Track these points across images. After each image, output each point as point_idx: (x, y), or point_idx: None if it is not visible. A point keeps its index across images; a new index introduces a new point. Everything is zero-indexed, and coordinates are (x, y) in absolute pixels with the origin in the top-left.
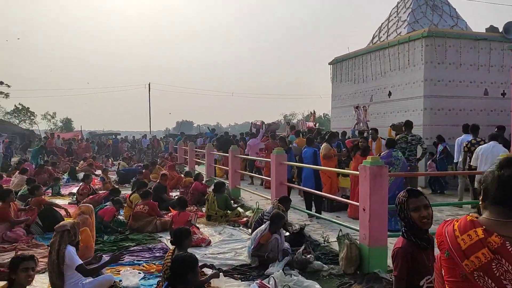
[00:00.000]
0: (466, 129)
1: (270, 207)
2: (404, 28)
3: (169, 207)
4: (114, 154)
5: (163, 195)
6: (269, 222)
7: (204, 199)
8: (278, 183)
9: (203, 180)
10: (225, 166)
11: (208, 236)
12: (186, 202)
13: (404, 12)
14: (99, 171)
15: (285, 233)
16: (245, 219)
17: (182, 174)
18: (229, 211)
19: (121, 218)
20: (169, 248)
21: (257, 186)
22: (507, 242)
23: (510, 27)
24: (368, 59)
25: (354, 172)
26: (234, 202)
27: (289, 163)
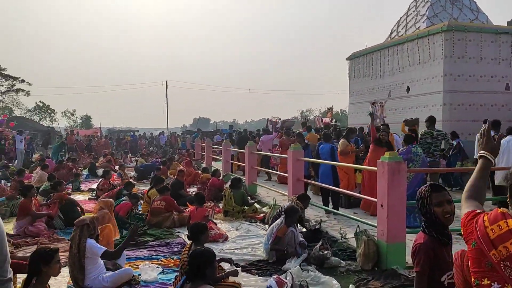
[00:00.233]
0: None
1: (289, 204)
2: (423, 22)
3: (186, 203)
4: (133, 150)
5: (180, 191)
6: (284, 216)
7: (221, 195)
8: (295, 179)
9: (220, 176)
10: (241, 162)
11: (225, 232)
12: (204, 198)
13: (423, 6)
14: (118, 167)
15: (301, 229)
16: (262, 215)
17: (199, 170)
18: (246, 207)
19: (140, 212)
20: (186, 243)
21: (274, 183)
22: None
23: None
24: (386, 54)
25: (372, 168)
26: (251, 198)
27: (306, 159)
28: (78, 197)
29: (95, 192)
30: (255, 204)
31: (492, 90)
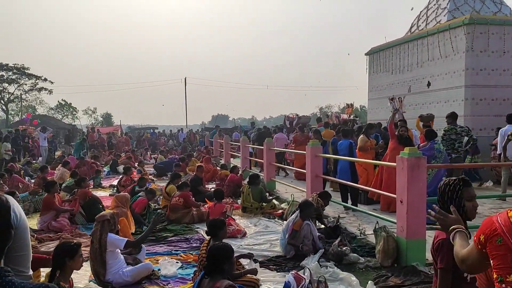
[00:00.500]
0: (510, 119)
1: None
2: (444, 15)
3: (205, 199)
4: (152, 147)
5: (199, 187)
6: (299, 210)
7: (240, 191)
8: (313, 175)
9: (239, 173)
10: (259, 159)
11: (244, 228)
12: (223, 194)
13: None
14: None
15: (320, 225)
16: (280, 211)
17: (218, 167)
18: (264, 203)
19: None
20: (205, 239)
21: (292, 179)
22: None
23: None
24: (406, 49)
25: (391, 164)
26: (269, 194)
27: (324, 155)
28: (99, 193)
29: (116, 188)
30: (274, 201)
31: None
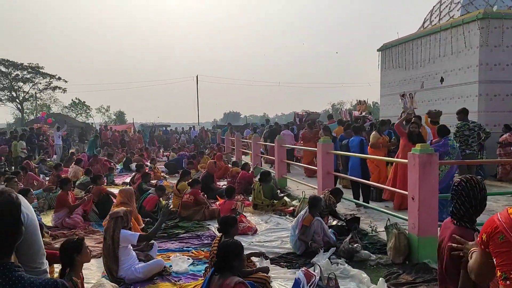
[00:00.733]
0: None
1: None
2: (458, 10)
3: (216, 196)
4: (164, 145)
5: (211, 184)
6: (308, 206)
7: (251, 188)
8: (325, 172)
9: (250, 170)
10: (271, 156)
11: (255, 225)
12: (233, 191)
13: None
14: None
15: (331, 222)
16: (291, 208)
17: (230, 164)
18: (275, 201)
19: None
20: (217, 236)
21: (304, 176)
22: None
23: None
24: (419, 44)
25: (402, 160)
26: (281, 192)
27: (335, 152)
28: (112, 190)
29: (129, 185)
30: (285, 198)
31: None
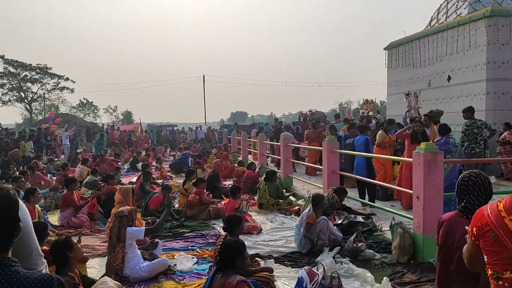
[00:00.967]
0: None
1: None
2: (465, 8)
3: (222, 195)
4: (172, 144)
5: (217, 183)
6: (311, 204)
7: (256, 187)
8: (330, 171)
9: (256, 169)
10: (276, 155)
11: (260, 224)
12: (238, 190)
13: None
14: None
15: (337, 221)
16: (296, 207)
17: (236, 164)
18: (280, 200)
19: (176, 205)
20: (221, 235)
21: (309, 175)
22: None
23: None
24: (426, 43)
25: (407, 159)
26: (286, 191)
27: (341, 151)
28: None
29: (135, 185)
30: (290, 197)
31: None
